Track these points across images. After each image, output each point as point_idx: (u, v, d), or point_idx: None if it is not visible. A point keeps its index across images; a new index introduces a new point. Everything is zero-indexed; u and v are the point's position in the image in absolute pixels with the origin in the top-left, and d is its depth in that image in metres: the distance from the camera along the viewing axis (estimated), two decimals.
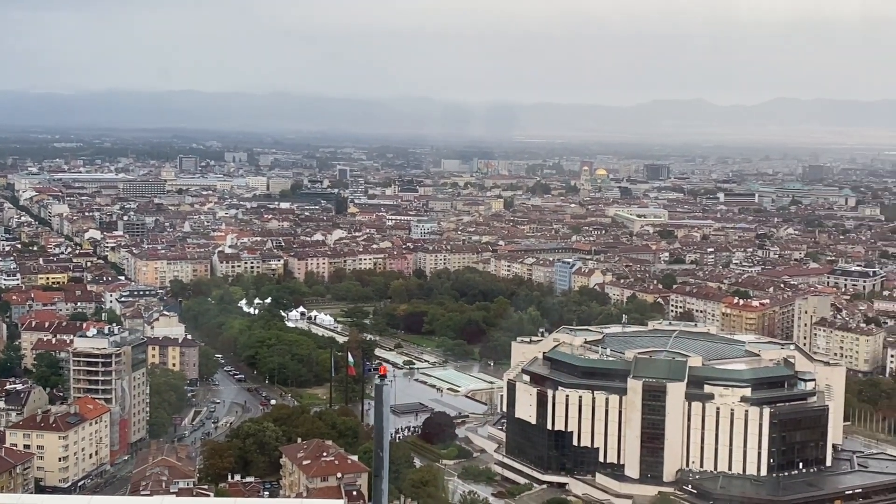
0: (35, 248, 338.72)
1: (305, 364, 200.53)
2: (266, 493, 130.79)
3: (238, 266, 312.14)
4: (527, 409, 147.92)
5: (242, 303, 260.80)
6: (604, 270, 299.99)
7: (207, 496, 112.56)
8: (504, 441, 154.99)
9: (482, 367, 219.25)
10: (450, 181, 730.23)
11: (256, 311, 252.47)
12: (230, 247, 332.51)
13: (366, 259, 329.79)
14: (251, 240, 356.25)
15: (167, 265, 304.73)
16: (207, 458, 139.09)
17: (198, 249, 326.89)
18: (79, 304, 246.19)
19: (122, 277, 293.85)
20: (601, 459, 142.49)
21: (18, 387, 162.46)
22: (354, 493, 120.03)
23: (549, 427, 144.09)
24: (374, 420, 79.46)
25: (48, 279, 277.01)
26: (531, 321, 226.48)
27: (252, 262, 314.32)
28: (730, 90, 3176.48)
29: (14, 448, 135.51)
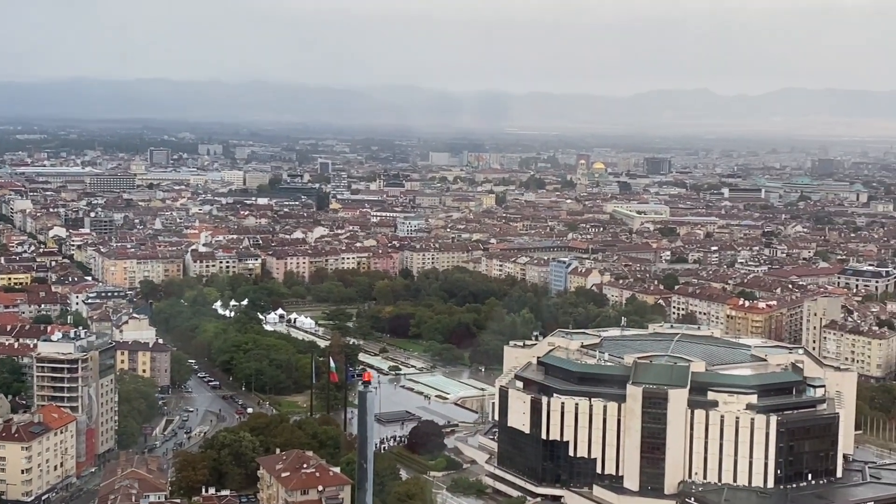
0: None
1: (284, 370, 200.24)
2: None
3: (212, 266, 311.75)
4: (520, 418, 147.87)
5: (217, 305, 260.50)
6: (602, 270, 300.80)
7: None
8: (496, 451, 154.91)
9: (472, 373, 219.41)
10: (438, 175, 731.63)
11: (232, 314, 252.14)
12: (204, 245, 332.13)
13: (349, 258, 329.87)
14: (227, 238, 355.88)
15: (137, 265, 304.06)
16: (180, 471, 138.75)
17: (170, 248, 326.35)
18: (43, 307, 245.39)
19: (89, 278, 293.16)
20: (599, 471, 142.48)
21: None
22: None
23: (544, 436, 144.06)
24: (358, 429, 79.51)
25: (10, 280, 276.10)
26: (524, 324, 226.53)
27: (227, 262, 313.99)
28: (734, 79, 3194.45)
29: None
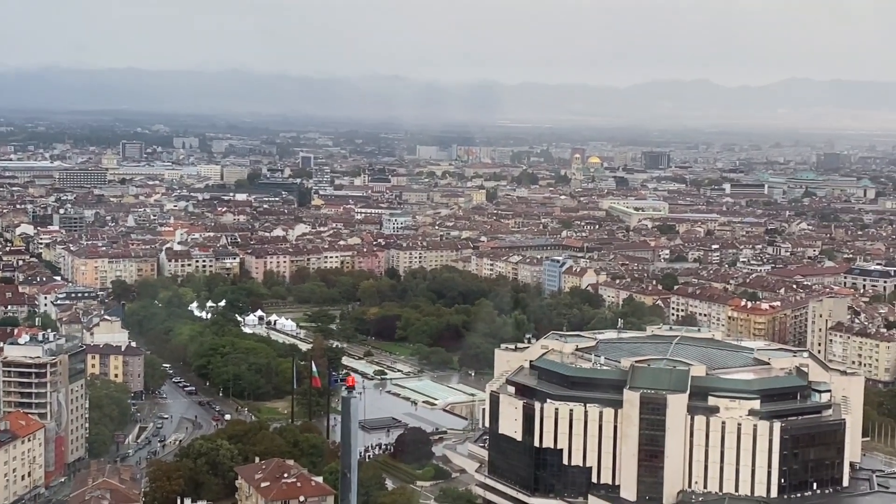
0: None
1: (264, 375, 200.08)
2: None
3: (188, 265, 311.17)
4: (511, 425, 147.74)
5: (193, 306, 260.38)
6: (597, 270, 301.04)
7: None
8: (486, 460, 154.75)
9: (462, 378, 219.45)
10: (426, 170, 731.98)
11: (209, 316, 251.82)
12: (179, 243, 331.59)
13: (332, 257, 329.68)
14: (203, 235, 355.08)
15: (109, 264, 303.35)
16: (154, 480, 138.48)
17: (143, 246, 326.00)
18: (9, 308, 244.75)
19: (58, 278, 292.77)
20: (594, 480, 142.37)
21: None
22: None
23: (537, 444, 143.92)
24: (341, 437, 79.41)
25: None
26: (516, 326, 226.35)
27: (204, 261, 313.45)
28: (736, 69, 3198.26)
29: None
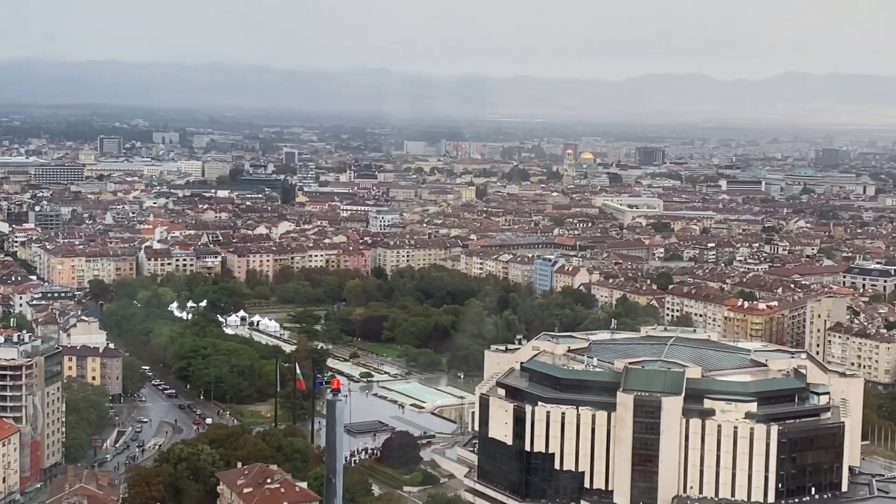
0: None
1: (246, 377, 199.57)
2: None
3: (168, 264, 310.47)
4: (501, 428, 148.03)
5: (173, 306, 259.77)
6: (590, 269, 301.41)
7: None
8: (475, 465, 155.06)
9: (450, 380, 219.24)
10: (413, 166, 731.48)
11: (190, 316, 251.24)
12: (159, 242, 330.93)
13: (317, 256, 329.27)
14: (183, 233, 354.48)
15: (86, 263, 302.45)
16: (132, 486, 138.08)
17: (121, 245, 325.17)
18: None
19: (34, 277, 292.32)
20: (586, 485, 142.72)
21: None
22: None
23: (527, 448, 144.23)
24: (326, 441, 79.29)
25: None
26: (507, 327, 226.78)
27: (184, 260, 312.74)
28: (733, 63, 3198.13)
29: None
